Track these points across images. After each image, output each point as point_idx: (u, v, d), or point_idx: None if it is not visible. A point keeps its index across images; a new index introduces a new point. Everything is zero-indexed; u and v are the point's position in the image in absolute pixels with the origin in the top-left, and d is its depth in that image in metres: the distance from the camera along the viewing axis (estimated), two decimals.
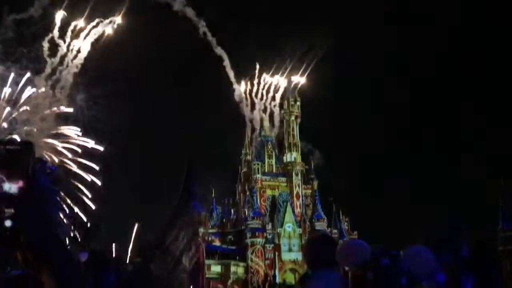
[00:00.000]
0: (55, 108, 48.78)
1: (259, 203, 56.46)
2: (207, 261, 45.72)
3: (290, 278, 49.13)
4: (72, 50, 51.92)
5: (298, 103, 62.41)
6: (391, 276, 1.48)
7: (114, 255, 43.65)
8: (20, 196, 1.19)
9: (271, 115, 65.14)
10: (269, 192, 59.11)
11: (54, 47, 51.41)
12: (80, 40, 52.67)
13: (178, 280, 38.02)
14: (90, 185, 49.98)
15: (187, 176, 47.25)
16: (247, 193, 58.71)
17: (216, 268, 48.72)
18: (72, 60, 51.45)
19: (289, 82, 62.89)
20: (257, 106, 63.52)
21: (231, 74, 61.67)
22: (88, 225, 41.68)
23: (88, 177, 49.02)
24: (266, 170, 59.73)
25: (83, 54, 52.08)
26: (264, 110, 65.57)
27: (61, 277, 1.11)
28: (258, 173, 58.45)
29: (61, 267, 1.12)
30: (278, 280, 49.15)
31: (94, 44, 52.80)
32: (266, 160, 60.50)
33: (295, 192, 58.77)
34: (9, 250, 1.15)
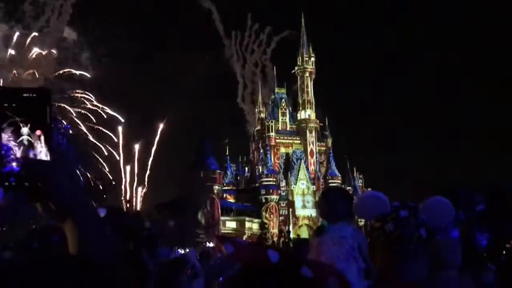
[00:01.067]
0: (68, 70, 48.35)
1: (272, 161, 56.80)
2: (222, 218, 46.75)
3: (304, 234, 50.01)
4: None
5: (313, 59, 61.38)
6: (410, 227, 1.47)
7: (131, 212, 44.78)
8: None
9: (263, 69, 64.85)
10: (283, 150, 59.28)
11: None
12: None
13: (194, 235, 39.05)
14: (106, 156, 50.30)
15: (200, 140, 47.69)
16: (261, 151, 59.00)
17: (231, 224, 49.78)
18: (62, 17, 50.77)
19: (303, 37, 61.68)
20: (249, 61, 63.18)
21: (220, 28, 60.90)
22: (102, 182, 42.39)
23: (103, 148, 49.17)
24: (279, 128, 59.67)
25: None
26: (256, 65, 65.23)
27: (84, 229, 1.12)
28: (272, 131, 58.47)
29: (84, 220, 1.12)
30: (292, 235, 50.11)
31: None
32: (280, 117, 60.32)
33: (309, 150, 58.83)
34: (30, 200, 1.15)
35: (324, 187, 55.00)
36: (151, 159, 51.57)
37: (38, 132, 1.20)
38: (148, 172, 51.37)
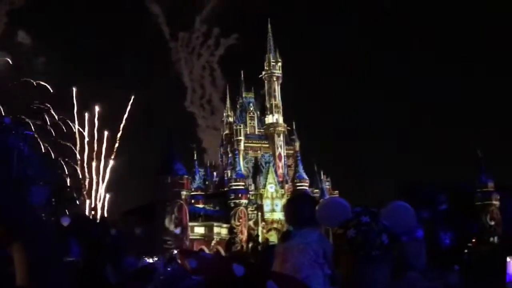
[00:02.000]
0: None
1: (241, 165, 56.81)
2: (190, 223, 46.25)
3: (274, 238, 50.13)
4: None
5: (280, 63, 61.85)
6: (372, 233, 1.46)
7: (97, 220, 43.81)
8: None
9: (212, 73, 64.64)
10: (251, 153, 59.41)
11: None
12: None
13: (162, 242, 38.51)
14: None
15: (168, 144, 47.15)
16: (230, 155, 58.92)
17: (199, 230, 49.34)
18: None
19: (270, 42, 62.04)
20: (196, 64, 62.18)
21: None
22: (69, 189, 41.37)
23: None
24: (248, 132, 59.80)
25: None
26: (204, 68, 64.93)
27: (33, 250, 1.04)
28: (240, 135, 58.53)
29: (33, 240, 1.04)
30: (261, 239, 50.13)
31: None
32: (248, 122, 60.47)
33: (277, 154, 59.17)
34: None
35: (293, 190, 55.39)
36: (107, 167, 51.07)
37: None
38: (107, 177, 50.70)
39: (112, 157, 50.94)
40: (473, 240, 38.45)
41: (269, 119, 60.44)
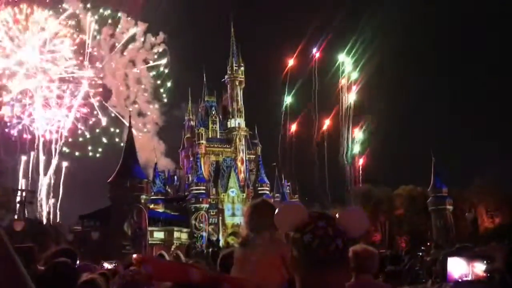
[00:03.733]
0: None
1: (203, 168, 56.46)
2: (150, 228, 45.48)
3: (234, 242, 50.07)
4: None
5: (242, 68, 62.02)
6: (328, 238, 1.49)
7: (51, 224, 42.43)
8: None
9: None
10: (213, 157, 59.17)
11: None
12: None
13: (120, 247, 37.64)
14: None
15: (126, 145, 46.27)
16: (191, 159, 58.45)
17: (159, 234, 48.62)
18: None
19: (233, 45, 62.16)
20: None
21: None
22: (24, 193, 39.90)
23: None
24: (210, 136, 59.55)
25: None
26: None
27: None
28: (202, 139, 58.19)
29: None
30: (222, 243, 49.95)
31: None
32: (210, 125, 60.23)
33: (239, 158, 59.20)
34: None
35: (254, 194, 55.54)
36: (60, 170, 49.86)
37: None
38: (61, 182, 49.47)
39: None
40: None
41: (231, 123, 60.45)
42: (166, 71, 64.61)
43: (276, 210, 1.59)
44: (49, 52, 53.07)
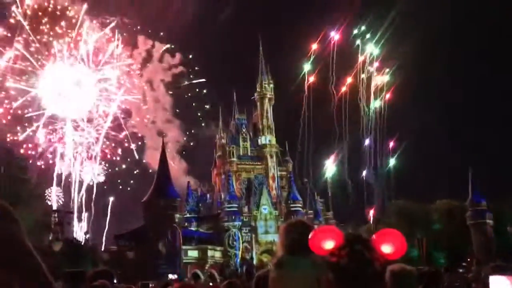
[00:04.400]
0: None
1: (234, 186, 56.58)
2: (184, 247, 45.74)
3: (268, 260, 49.69)
4: None
5: (272, 85, 62.33)
6: (364, 262, 1.47)
7: (88, 244, 43.27)
8: None
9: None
10: (244, 175, 59.26)
11: None
12: None
13: (155, 266, 37.97)
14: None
15: (160, 165, 46.96)
16: (223, 176, 58.73)
17: (193, 253, 48.78)
18: None
19: (262, 63, 62.62)
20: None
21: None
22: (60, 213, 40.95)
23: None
24: (241, 153, 59.78)
25: None
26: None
27: (25, 281, 1.05)
28: (233, 156, 58.46)
29: (25, 274, 1.05)
30: (255, 261, 49.65)
31: None
32: (241, 143, 60.51)
33: (270, 175, 59.09)
34: None
35: (286, 211, 55.18)
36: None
37: None
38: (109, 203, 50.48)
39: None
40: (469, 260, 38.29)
41: (262, 140, 60.57)
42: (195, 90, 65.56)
43: (311, 233, 1.58)
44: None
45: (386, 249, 1.50)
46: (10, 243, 1.06)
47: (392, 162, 59.77)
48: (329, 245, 1.51)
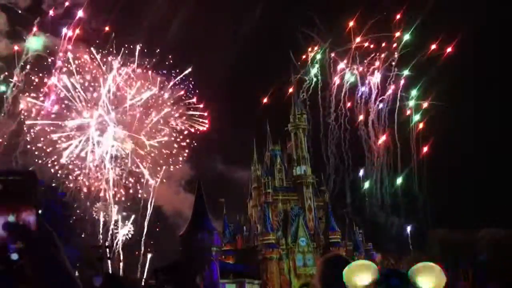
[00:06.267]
0: None
1: (271, 218, 56.16)
2: (221, 280, 45.40)
3: None
4: None
5: (305, 116, 62.43)
6: None
7: (128, 278, 43.59)
8: (29, 229, 1.18)
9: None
10: (280, 206, 58.78)
11: None
12: None
13: None
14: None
15: (196, 198, 47.39)
16: (259, 208, 58.47)
17: (230, 287, 48.31)
18: None
19: (295, 94, 62.99)
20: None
21: None
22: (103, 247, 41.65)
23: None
24: (276, 185, 59.52)
25: None
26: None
27: None
28: (269, 188, 58.27)
29: None
30: None
31: None
32: (276, 174, 60.34)
33: (306, 205, 58.40)
34: (15, 284, 1.15)
35: (324, 243, 54.09)
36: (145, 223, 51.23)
37: (29, 216, 1.20)
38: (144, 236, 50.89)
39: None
40: None
41: (297, 170, 60.25)
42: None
43: (346, 267, 1.58)
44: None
45: (425, 283, 1.48)
46: (58, 269, 1.12)
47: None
48: (365, 280, 1.50)
